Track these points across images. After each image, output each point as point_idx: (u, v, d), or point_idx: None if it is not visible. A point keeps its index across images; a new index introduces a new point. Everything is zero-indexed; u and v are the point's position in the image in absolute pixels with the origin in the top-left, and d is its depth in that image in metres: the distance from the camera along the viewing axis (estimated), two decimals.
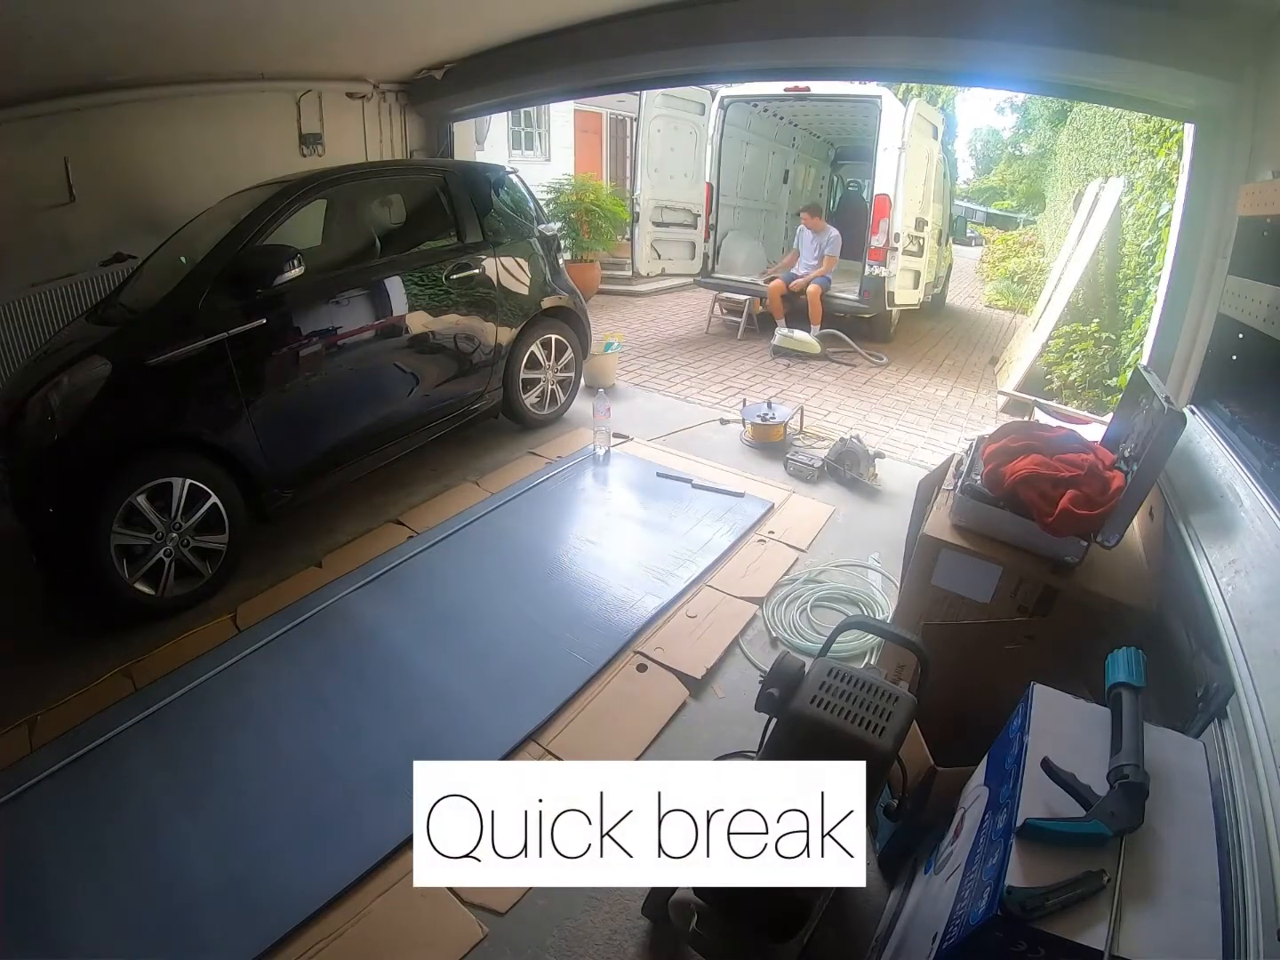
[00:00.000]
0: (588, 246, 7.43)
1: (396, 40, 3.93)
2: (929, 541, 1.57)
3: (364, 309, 2.90)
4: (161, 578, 2.32)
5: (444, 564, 2.66)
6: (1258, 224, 1.75)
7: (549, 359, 3.78)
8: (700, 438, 3.84)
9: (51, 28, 2.62)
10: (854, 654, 2.17)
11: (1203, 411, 1.87)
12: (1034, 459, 1.56)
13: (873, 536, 2.82)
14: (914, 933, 1.18)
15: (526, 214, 3.72)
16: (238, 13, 2.95)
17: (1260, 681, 1.02)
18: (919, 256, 6.29)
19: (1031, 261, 10.75)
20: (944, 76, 3.71)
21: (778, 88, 6.08)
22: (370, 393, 2.95)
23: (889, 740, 1.16)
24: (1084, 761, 0.96)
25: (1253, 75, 2.04)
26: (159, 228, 3.38)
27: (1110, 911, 0.80)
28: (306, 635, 2.27)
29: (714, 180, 6.56)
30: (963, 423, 4.43)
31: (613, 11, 3.43)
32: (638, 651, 2.19)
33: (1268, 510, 1.27)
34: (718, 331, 6.71)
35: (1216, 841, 0.89)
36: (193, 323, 2.34)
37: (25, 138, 3.29)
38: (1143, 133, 5.06)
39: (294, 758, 1.81)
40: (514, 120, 10.39)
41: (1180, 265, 2.46)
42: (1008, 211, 21.39)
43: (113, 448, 2.18)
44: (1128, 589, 1.46)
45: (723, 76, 4.86)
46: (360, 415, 2.91)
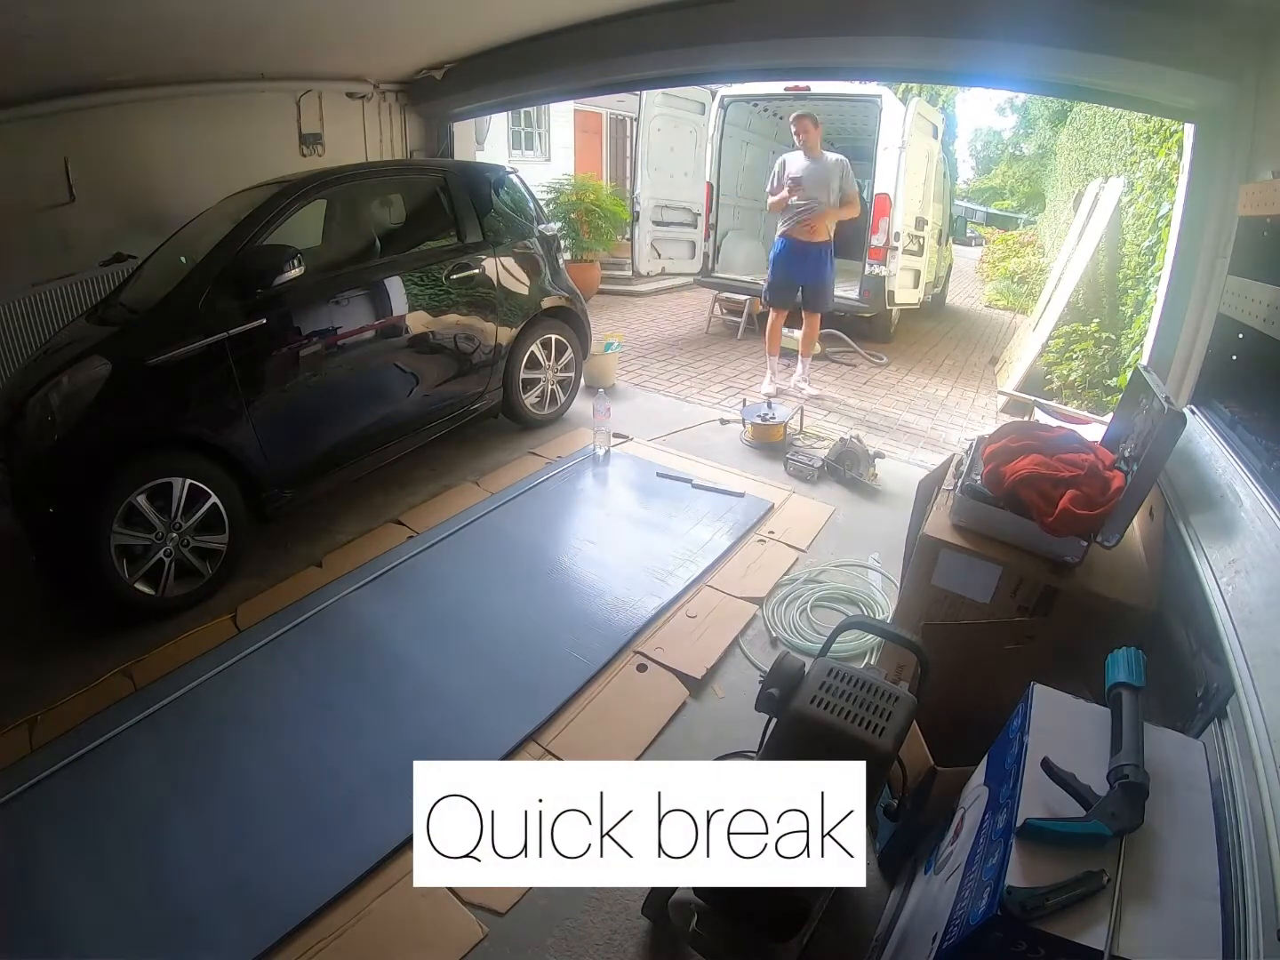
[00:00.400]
0: (588, 246, 7.43)
1: (397, 40, 3.93)
2: (929, 541, 1.57)
3: (364, 309, 2.90)
4: (161, 578, 2.32)
5: (444, 564, 2.66)
6: (1258, 224, 1.75)
7: (549, 359, 3.78)
8: (700, 438, 3.84)
9: (52, 27, 2.62)
10: (854, 654, 2.17)
11: (1203, 411, 1.86)
12: (1034, 459, 1.56)
13: (873, 536, 2.82)
14: (914, 933, 1.18)
15: (526, 214, 3.72)
16: (238, 12, 2.95)
17: (1260, 681, 1.02)
18: (919, 256, 6.29)
19: (1031, 261, 10.74)
20: (944, 76, 3.71)
21: (778, 87, 6.08)
22: (370, 393, 2.95)
23: (889, 740, 1.16)
24: (1084, 761, 0.96)
25: (1253, 75, 2.04)
26: (159, 228, 3.38)
27: (1110, 911, 0.80)
28: (306, 635, 2.28)
29: (714, 180, 6.56)
30: (963, 423, 4.43)
31: (613, 11, 3.43)
32: (638, 651, 2.19)
33: (1268, 510, 1.27)
34: (718, 331, 6.71)
35: (1216, 841, 0.89)
36: (193, 323, 2.34)
37: (25, 138, 3.28)
38: (1143, 133, 5.06)
39: (294, 757, 1.81)
40: (514, 120, 10.38)
41: (1180, 265, 2.45)
42: (1008, 211, 21.39)
43: (113, 448, 2.18)
44: (1128, 589, 1.46)
45: (723, 76, 4.85)
46: (360, 415, 2.91)
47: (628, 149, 11.64)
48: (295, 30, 3.38)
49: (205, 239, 2.65)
